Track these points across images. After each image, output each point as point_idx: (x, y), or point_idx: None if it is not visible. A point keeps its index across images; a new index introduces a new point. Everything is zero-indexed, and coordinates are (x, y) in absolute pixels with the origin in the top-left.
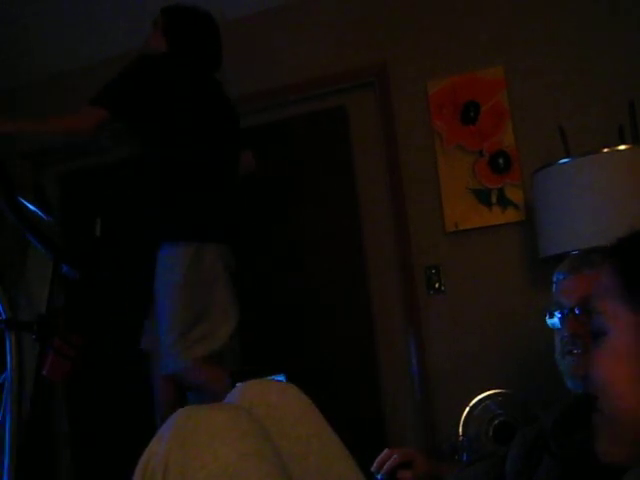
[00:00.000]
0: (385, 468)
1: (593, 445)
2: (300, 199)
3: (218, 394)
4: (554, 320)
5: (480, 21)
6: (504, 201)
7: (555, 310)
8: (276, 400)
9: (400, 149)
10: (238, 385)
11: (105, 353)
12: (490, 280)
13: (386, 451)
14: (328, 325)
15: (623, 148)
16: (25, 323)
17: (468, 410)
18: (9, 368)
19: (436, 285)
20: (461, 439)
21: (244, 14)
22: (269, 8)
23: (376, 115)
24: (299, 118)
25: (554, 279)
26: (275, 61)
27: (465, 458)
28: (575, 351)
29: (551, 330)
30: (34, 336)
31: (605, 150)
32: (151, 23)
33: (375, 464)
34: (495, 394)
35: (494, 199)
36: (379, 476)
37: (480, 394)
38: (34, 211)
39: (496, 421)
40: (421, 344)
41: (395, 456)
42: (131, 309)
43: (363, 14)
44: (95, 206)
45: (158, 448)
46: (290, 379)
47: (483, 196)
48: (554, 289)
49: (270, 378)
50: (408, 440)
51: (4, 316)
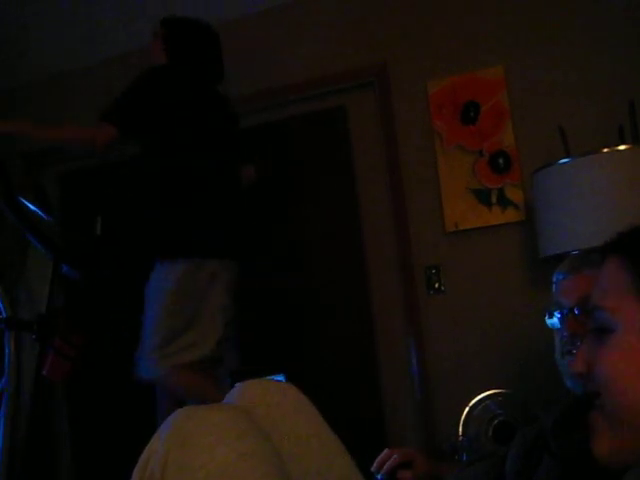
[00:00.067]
0: (385, 468)
1: (590, 445)
2: (300, 199)
3: (199, 402)
4: (554, 320)
5: (480, 21)
6: (504, 201)
7: (555, 310)
8: (275, 400)
9: (400, 149)
10: (237, 385)
11: (105, 353)
12: (490, 280)
13: (386, 451)
14: (328, 325)
15: (623, 148)
16: (25, 323)
17: (468, 410)
18: (7, 368)
19: (436, 285)
20: (461, 439)
21: (244, 14)
22: (269, 8)
23: (376, 115)
24: (299, 118)
25: (554, 279)
26: (275, 61)
27: (465, 458)
28: (574, 351)
29: (551, 330)
30: (34, 336)
31: (605, 150)
32: (151, 34)
33: (375, 464)
34: (495, 394)
35: (494, 199)
36: (379, 476)
37: (480, 394)
38: (34, 211)
39: (496, 421)
40: (421, 344)
41: (395, 456)
42: (131, 309)
43: (363, 14)
44: (95, 206)
45: (157, 448)
46: (290, 379)
47: (483, 196)
48: (554, 289)
49: (269, 378)
50: (408, 440)
51: (4, 315)
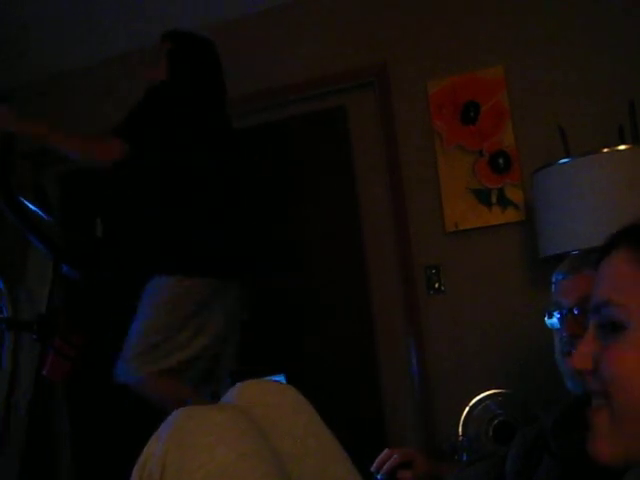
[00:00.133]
0: (385, 468)
1: (589, 445)
2: (300, 199)
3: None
4: (553, 320)
5: (480, 21)
6: (504, 201)
7: (554, 310)
8: (274, 400)
9: (400, 149)
10: (236, 385)
11: (105, 353)
12: (490, 280)
13: (386, 451)
14: (328, 325)
15: (623, 148)
16: (25, 323)
17: (468, 410)
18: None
19: (436, 285)
20: (461, 439)
21: (244, 14)
22: (269, 8)
23: (376, 115)
24: (299, 118)
25: (553, 279)
26: (275, 61)
27: (465, 458)
28: (574, 350)
29: (551, 330)
30: (34, 336)
31: (605, 150)
32: (156, 48)
33: (375, 464)
34: (495, 394)
35: (494, 199)
36: (379, 476)
37: (480, 394)
38: (34, 211)
39: (496, 421)
40: (421, 344)
41: (395, 456)
42: (131, 309)
43: (363, 14)
44: (95, 206)
45: (156, 448)
46: (290, 379)
47: (483, 196)
48: (553, 289)
49: (268, 378)
50: (408, 440)
51: (5, 314)
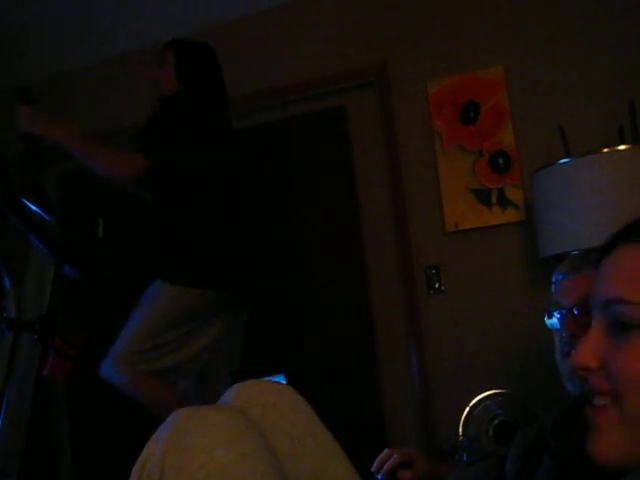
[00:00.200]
0: (385, 468)
1: (589, 445)
2: (300, 199)
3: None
4: (553, 320)
5: (480, 21)
6: (504, 201)
7: (554, 310)
8: (272, 400)
9: (400, 149)
10: (235, 385)
11: (105, 353)
12: (490, 280)
13: (386, 451)
14: (328, 325)
15: (623, 148)
16: (27, 323)
17: (468, 410)
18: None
19: (436, 285)
20: (461, 439)
21: (244, 14)
22: (269, 8)
23: (376, 115)
24: (299, 118)
25: (553, 279)
26: (275, 61)
27: (465, 458)
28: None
29: (551, 330)
30: (36, 336)
31: (605, 150)
32: (159, 56)
33: (375, 464)
34: (495, 394)
35: (494, 199)
36: (379, 476)
37: (480, 394)
38: (35, 211)
39: (496, 421)
40: (421, 344)
41: (395, 456)
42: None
43: (363, 14)
44: (95, 206)
45: (155, 449)
46: (290, 379)
47: (483, 196)
48: (553, 289)
49: (267, 378)
50: (408, 440)
51: (9, 314)
